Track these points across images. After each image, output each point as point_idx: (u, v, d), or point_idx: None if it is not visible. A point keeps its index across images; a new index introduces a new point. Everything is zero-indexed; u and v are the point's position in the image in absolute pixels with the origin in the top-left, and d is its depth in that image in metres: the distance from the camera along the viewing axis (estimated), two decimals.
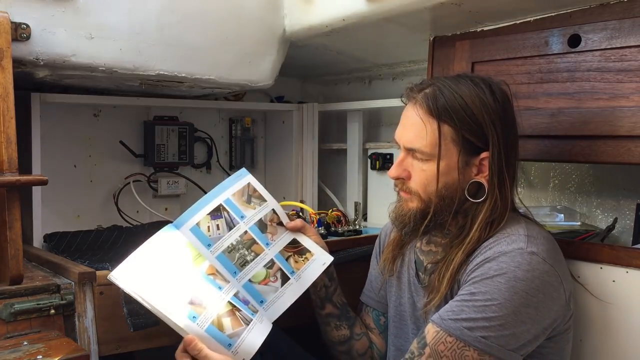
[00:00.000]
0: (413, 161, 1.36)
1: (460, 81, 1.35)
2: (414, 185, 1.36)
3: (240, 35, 1.94)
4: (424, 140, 1.32)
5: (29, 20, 1.57)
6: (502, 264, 1.24)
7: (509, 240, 1.29)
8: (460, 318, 1.23)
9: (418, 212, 1.37)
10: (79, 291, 1.54)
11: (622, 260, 1.42)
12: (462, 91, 1.32)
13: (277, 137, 2.55)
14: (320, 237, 1.61)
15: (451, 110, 1.31)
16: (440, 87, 1.33)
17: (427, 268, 1.45)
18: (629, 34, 1.43)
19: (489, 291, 1.23)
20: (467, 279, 1.28)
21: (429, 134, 1.32)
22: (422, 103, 1.33)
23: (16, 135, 1.42)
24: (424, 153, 1.33)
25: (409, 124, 1.36)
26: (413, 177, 1.36)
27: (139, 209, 2.24)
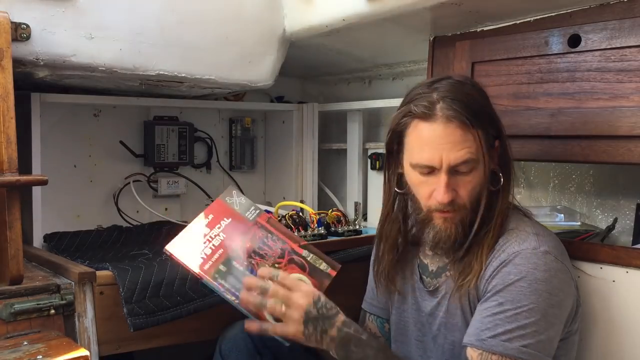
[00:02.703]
0: (457, 178, 1.30)
1: (458, 84, 1.33)
2: (461, 200, 1.31)
3: (240, 35, 1.94)
4: (470, 153, 1.28)
5: (29, 20, 1.57)
6: (520, 266, 1.25)
7: (519, 239, 1.30)
8: (497, 333, 1.23)
9: (464, 224, 1.33)
10: (79, 291, 1.54)
11: (622, 260, 1.42)
12: (470, 93, 1.31)
13: (277, 137, 2.55)
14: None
15: (477, 113, 1.29)
16: (452, 97, 1.28)
17: (433, 272, 1.44)
18: (629, 34, 1.43)
19: (515, 298, 1.23)
20: (489, 287, 1.28)
21: (471, 144, 1.28)
22: (450, 115, 1.27)
23: (16, 135, 1.42)
24: (470, 165, 1.29)
25: (449, 142, 1.27)
26: (460, 193, 1.31)
27: (139, 209, 2.24)
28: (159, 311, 1.58)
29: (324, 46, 2.13)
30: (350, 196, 2.47)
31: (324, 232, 1.93)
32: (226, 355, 1.55)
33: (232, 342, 1.56)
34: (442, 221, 1.33)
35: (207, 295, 1.66)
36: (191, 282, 1.66)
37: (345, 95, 2.63)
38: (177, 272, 1.66)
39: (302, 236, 1.85)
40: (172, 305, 1.61)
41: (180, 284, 1.64)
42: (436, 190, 1.30)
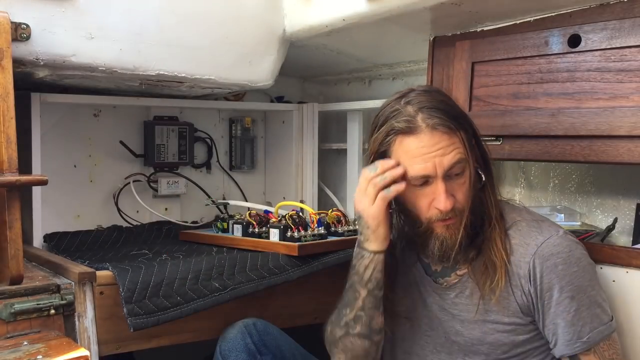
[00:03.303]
0: (452, 182, 1.31)
1: (427, 93, 1.34)
2: (460, 205, 1.32)
3: (240, 35, 1.94)
4: (460, 154, 1.30)
5: (29, 20, 1.57)
6: (560, 254, 1.31)
7: (533, 227, 1.35)
8: (593, 326, 1.29)
9: (467, 227, 1.33)
10: (79, 291, 1.54)
11: (622, 260, 1.42)
12: (442, 99, 1.34)
13: (277, 137, 2.55)
14: None
15: (455, 117, 1.32)
16: (429, 106, 1.31)
17: (438, 271, 1.44)
18: (629, 34, 1.43)
19: (579, 285, 1.30)
20: (543, 285, 1.31)
21: (459, 146, 1.30)
22: (435, 124, 1.29)
23: (16, 135, 1.42)
24: (462, 165, 1.31)
25: (439, 149, 1.29)
26: (458, 197, 1.32)
27: (139, 209, 2.24)
28: (159, 311, 1.58)
29: (324, 46, 2.13)
30: (350, 196, 2.47)
31: (324, 232, 1.92)
32: (226, 356, 1.56)
33: (232, 343, 1.56)
34: (445, 229, 1.33)
35: (207, 295, 1.66)
36: (191, 282, 1.66)
37: (345, 95, 2.63)
38: (177, 272, 1.66)
39: (302, 236, 1.86)
40: (172, 305, 1.61)
41: (180, 284, 1.64)
42: (436, 200, 1.30)
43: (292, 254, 1.82)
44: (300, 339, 1.68)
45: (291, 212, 1.93)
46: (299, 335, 1.70)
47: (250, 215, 2.01)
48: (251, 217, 1.99)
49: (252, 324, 1.59)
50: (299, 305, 1.91)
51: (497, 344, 1.36)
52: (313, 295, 1.91)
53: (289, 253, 1.82)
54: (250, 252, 1.86)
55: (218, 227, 2.12)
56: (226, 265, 1.74)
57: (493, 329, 1.37)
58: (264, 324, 1.60)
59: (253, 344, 1.56)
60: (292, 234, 1.86)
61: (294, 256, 1.81)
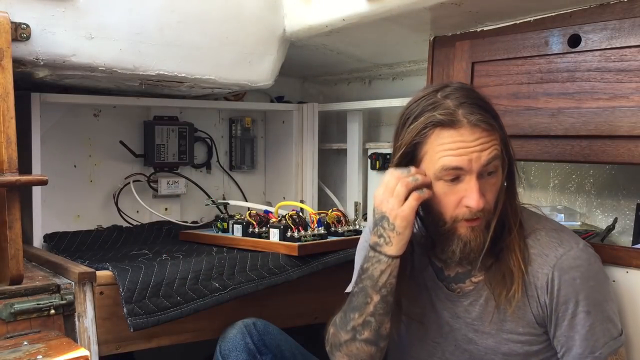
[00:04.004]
0: (484, 182, 1.27)
1: (466, 90, 1.31)
2: (488, 205, 1.28)
3: (240, 35, 1.94)
4: (497, 151, 1.27)
5: (29, 20, 1.58)
6: (579, 268, 1.28)
7: (553, 238, 1.32)
8: (604, 341, 1.28)
9: (489, 229, 1.29)
10: (79, 291, 1.54)
11: (622, 260, 1.42)
12: (480, 97, 1.30)
13: (277, 137, 2.55)
14: None
15: (494, 117, 1.29)
16: (470, 102, 1.27)
17: (451, 276, 1.40)
18: (629, 34, 1.43)
19: (595, 299, 1.28)
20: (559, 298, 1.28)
21: (496, 144, 1.27)
22: (476, 120, 1.25)
23: (16, 135, 1.42)
24: (496, 163, 1.27)
25: (478, 145, 1.25)
26: (487, 197, 1.28)
27: (139, 209, 2.24)
28: (159, 311, 1.59)
29: (324, 46, 2.13)
30: (350, 196, 2.47)
31: (324, 232, 1.93)
32: (226, 356, 1.55)
33: (232, 343, 1.56)
34: (469, 231, 1.29)
35: (207, 295, 1.66)
36: (191, 282, 1.66)
37: (345, 95, 2.63)
38: (177, 272, 1.66)
39: (302, 236, 1.86)
40: (172, 305, 1.61)
41: (180, 284, 1.64)
42: (467, 197, 1.26)
43: (292, 254, 1.82)
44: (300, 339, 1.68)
45: (291, 212, 1.93)
46: (299, 335, 1.70)
47: (250, 215, 2.01)
48: (251, 217, 2.00)
49: (252, 323, 1.59)
50: (299, 305, 1.91)
51: (512, 354, 1.33)
52: (313, 295, 1.91)
53: (289, 253, 1.82)
54: (250, 252, 1.86)
55: (218, 227, 2.12)
56: (226, 265, 1.74)
57: (507, 339, 1.34)
58: (263, 324, 1.60)
59: (253, 344, 1.56)
60: (292, 234, 1.86)
61: (294, 256, 1.81)
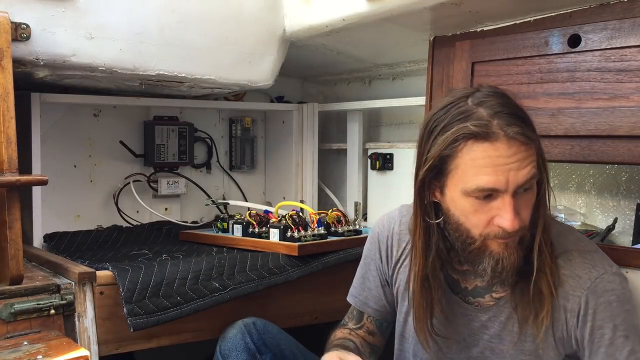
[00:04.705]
0: (519, 199, 1.18)
1: (500, 96, 1.21)
2: (523, 223, 1.19)
3: (240, 35, 1.94)
4: (534, 168, 1.17)
5: (29, 20, 1.58)
6: (614, 291, 1.21)
7: (586, 259, 1.24)
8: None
9: (523, 246, 1.22)
10: (79, 291, 1.54)
11: (622, 260, 1.41)
12: (515, 104, 1.21)
13: (277, 137, 2.55)
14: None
15: (532, 127, 1.19)
16: (506, 112, 1.17)
17: (469, 289, 1.33)
18: (629, 34, 1.43)
19: (631, 324, 1.20)
20: (595, 322, 1.20)
21: (533, 159, 1.17)
22: (515, 134, 1.15)
23: (16, 135, 1.42)
24: (533, 181, 1.18)
25: (516, 161, 1.15)
26: (522, 215, 1.19)
27: (139, 209, 2.24)
28: (159, 311, 1.59)
29: (324, 46, 2.13)
30: (350, 196, 2.47)
31: (324, 232, 1.93)
32: (226, 356, 1.55)
33: (232, 342, 1.56)
34: (502, 248, 1.20)
35: (207, 295, 1.66)
36: (191, 282, 1.66)
37: (345, 95, 2.63)
38: (177, 272, 1.66)
39: (302, 236, 1.86)
40: (172, 305, 1.61)
41: (180, 284, 1.64)
42: (500, 217, 1.17)
43: (292, 254, 1.82)
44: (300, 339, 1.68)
45: (291, 212, 1.93)
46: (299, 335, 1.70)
47: (250, 215, 2.01)
48: (251, 217, 2.00)
49: (252, 323, 1.59)
50: (299, 305, 1.91)
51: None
52: (313, 295, 1.91)
53: (289, 253, 1.82)
54: (250, 252, 1.86)
55: (218, 227, 2.12)
56: (226, 265, 1.74)
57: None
58: (263, 323, 1.60)
59: (253, 343, 1.55)
60: (292, 234, 1.86)
61: (294, 256, 1.81)
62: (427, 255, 1.30)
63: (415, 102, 2.14)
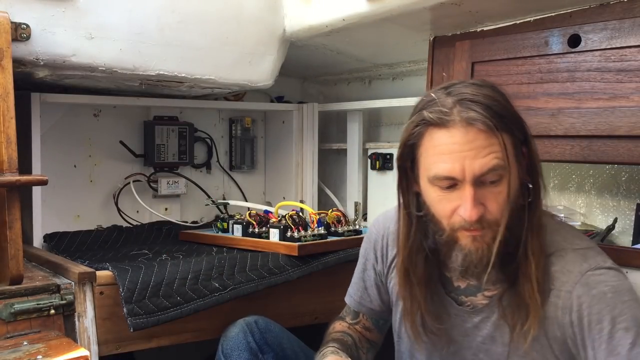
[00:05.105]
0: (484, 189, 1.14)
1: (475, 86, 1.18)
2: (491, 216, 1.15)
3: (240, 35, 1.94)
4: (497, 159, 1.13)
5: (29, 20, 1.58)
6: (608, 282, 1.15)
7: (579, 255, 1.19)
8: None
9: (499, 244, 1.16)
10: (79, 291, 1.54)
11: (622, 260, 1.41)
12: (489, 94, 1.16)
13: (277, 137, 2.55)
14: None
15: (500, 115, 1.14)
16: (470, 99, 1.14)
17: (461, 288, 1.31)
18: (629, 34, 1.43)
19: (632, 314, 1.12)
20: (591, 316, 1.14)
21: (497, 149, 1.13)
22: (471, 120, 1.12)
23: (16, 135, 1.42)
24: (500, 170, 1.13)
25: (471, 149, 1.12)
26: (489, 207, 1.15)
27: (139, 209, 2.24)
28: (159, 311, 1.58)
29: (324, 46, 2.13)
30: (350, 196, 2.47)
31: (324, 232, 1.93)
32: (228, 355, 1.55)
33: (234, 341, 1.56)
34: (470, 241, 1.17)
35: (207, 295, 1.66)
36: (191, 282, 1.66)
37: (345, 95, 2.63)
38: (177, 272, 1.66)
39: (302, 236, 1.86)
40: (172, 305, 1.61)
41: (180, 284, 1.64)
42: (461, 207, 1.14)
43: (292, 254, 1.82)
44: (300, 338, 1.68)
45: (291, 212, 1.93)
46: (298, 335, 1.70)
47: (250, 215, 2.01)
48: (251, 217, 2.00)
49: (254, 322, 1.59)
50: (299, 305, 1.91)
51: None
52: (313, 295, 1.91)
53: (289, 253, 1.82)
54: (250, 252, 1.86)
55: (218, 227, 2.12)
56: (226, 265, 1.74)
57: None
58: (265, 322, 1.60)
59: (255, 342, 1.55)
60: (292, 234, 1.86)
61: (294, 256, 1.81)
62: (407, 247, 1.28)
63: (415, 102, 2.13)
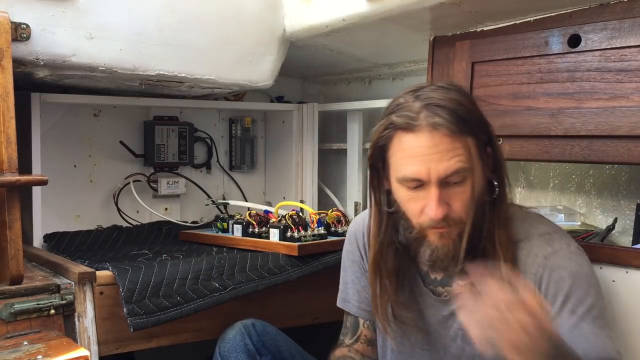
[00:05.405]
0: (449, 190, 1.21)
1: (442, 90, 1.24)
2: (455, 214, 1.22)
3: (240, 35, 1.94)
4: (461, 162, 1.20)
5: (29, 20, 1.58)
6: (568, 268, 1.22)
7: (544, 240, 1.26)
8: (587, 348, 1.16)
9: (464, 240, 1.23)
10: (79, 291, 1.54)
11: (622, 260, 1.42)
12: (455, 98, 1.23)
13: (277, 137, 2.55)
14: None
15: (464, 119, 1.20)
16: (436, 104, 1.20)
17: (438, 280, 1.36)
18: (629, 34, 1.43)
19: (579, 298, 1.20)
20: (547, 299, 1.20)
21: (461, 152, 1.20)
22: (437, 125, 1.18)
23: (16, 135, 1.42)
24: (463, 172, 1.20)
25: (437, 152, 1.19)
26: (454, 206, 1.22)
27: (139, 209, 2.24)
28: (159, 311, 1.59)
29: (324, 46, 2.13)
30: (350, 196, 2.47)
31: (324, 232, 1.93)
32: (225, 357, 1.55)
33: (232, 344, 1.56)
34: (437, 237, 1.25)
35: (207, 295, 1.66)
36: (191, 282, 1.66)
37: (345, 95, 2.63)
38: (177, 272, 1.66)
39: (302, 236, 1.86)
40: (172, 305, 1.61)
41: (180, 284, 1.64)
42: (427, 206, 1.21)
43: (292, 254, 1.82)
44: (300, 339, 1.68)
45: (291, 212, 1.93)
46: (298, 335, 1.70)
47: (250, 215, 2.01)
48: (251, 217, 2.00)
49: (251, 324, 1.59)
50: (299, 305, 1.91)
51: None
52: (313, 295, 1.91)
53: (289, 253, 1.82)
54: (250, 252, 1.86)
55: (218, 227, 2.12)
56: (226, 265, 1.74)
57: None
58: (262, 325, 1.60)
59: (252, 345, 1.55)
60: (292, 234, 1.86)
61: (293, 256, 1.81)
62: (377, 242, 1.35)
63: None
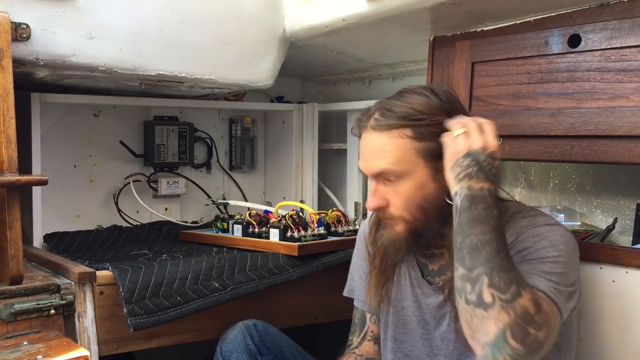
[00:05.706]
0: (386, 187, 1.31)
1: (402, 94, 1.33)
2: (395, 210, 1.32)
3: (240, 35, 1.94)
4: (389, 160, 1.28)
5: (29, 20, 1.58)
6: (538, 235, 1.23)
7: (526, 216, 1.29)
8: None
9: (407, 234, 1.33)
10: (79, 291, 1.54)
11: (622, 260, 1.42)
12: (407, 100, 1.30)
13: (277, 137, 2.55)
14: None
15: (403, 120, 1.28)
16: (386, 106, 1.32)
17: (435, 270, 1.40)
18: (629, 34, 1.43)
19: (541, 254, 1.20)
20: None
21: (391, 152, 1.28)
22: (373, 125, 1.30)
23: (16, 135, 1.42)
24: (392, 173, 1.29)
25: (368, 151, 1.32)
26: (391, 202, 1.32)
27: (139, 209, 2.24)
28: (159, 311, 1.59)
29: (324, 46, 2.13)
30: (350, 196, 2.47)
31: (324, 232, 1.93)
32: (227, 357, 1.56)
33: (233, 344, 1.56)
34: (384, 225, 1.38)
35: (207, 295, 1.66)
36: (191, 282, 1.66)
37: (345, 95, 2.63)
38: (177, 272, 1.66)
39: (302, 236, 1.86)
40: (172, 305, 1.61)
41: (180, 284, 1.64)
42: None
43: (292, 254, 1.82)
44: (300, 339, 1.68)
45: (291, 212, 1.93)
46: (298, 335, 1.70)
47: (250, 215, 2.01)
48: (251, 217, 2.00)
49: (253, 324, 1.59)
50: (299, 305, 1.91)
51: None
52: (313, 295, 1.91)
53: (289, 253, 1.82)
54: (250, 252, 1.86)
55: (218, 227, 2.12)
56: (226, 265, 1.74)
57: None
58: (263, 325, 1.61)
59: (254, 345, 1.56)
60: (292, 234, 1.86)
61: (294, 256, 1.82)
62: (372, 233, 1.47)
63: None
